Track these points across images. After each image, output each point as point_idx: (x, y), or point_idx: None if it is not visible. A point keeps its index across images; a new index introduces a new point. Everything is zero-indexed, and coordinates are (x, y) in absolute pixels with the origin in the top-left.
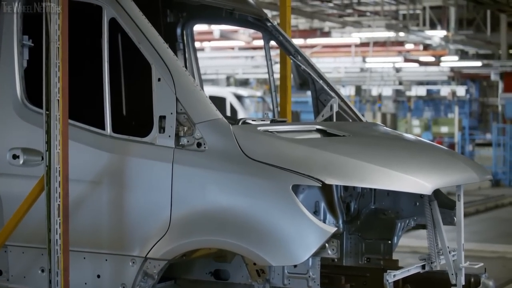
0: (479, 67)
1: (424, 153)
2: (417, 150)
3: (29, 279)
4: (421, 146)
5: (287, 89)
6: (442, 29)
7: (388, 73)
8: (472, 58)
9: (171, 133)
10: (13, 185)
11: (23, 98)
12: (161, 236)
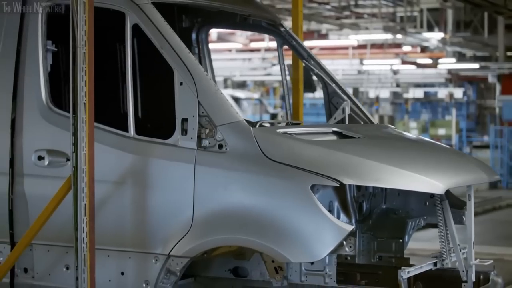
0: (476, 69)
1: (435, 154)
2: (428, 151)
3: (54, 277)
4: (432, 148)
5: (299, 92)
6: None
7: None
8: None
9: (193, 135)
10: (38, 186)
11: (48, 101)
12: (183, 234)
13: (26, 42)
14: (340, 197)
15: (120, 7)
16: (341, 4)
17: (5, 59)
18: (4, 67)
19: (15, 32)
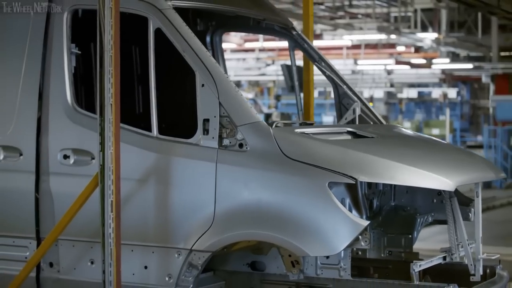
0: (470, 70)
1: (445, 152)
2: (438, 150)
3: (79, 271)
4: (441, 146)
5: (310, 93)
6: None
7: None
8: (463, 60)
9: (214, 135)
10: (63, 184)
11: (73, 102)
12: (205, 230)
13: (52, 45)
14: (352, 194)
15: (143, 12)
16: (335, 5)
17: (31, 61)
18: (30, 69)
19: (40, 36)
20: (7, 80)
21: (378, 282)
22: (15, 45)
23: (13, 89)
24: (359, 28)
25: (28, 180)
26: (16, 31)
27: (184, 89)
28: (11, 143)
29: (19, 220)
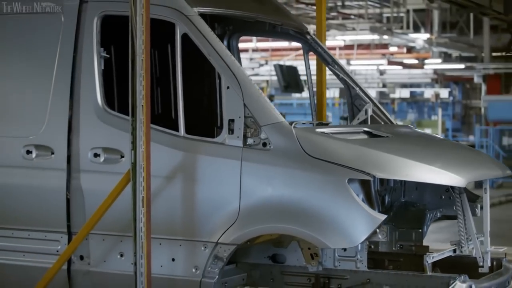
0: (462, 70)
1: (455, 151)
2: (449, 148)
3: (109, 263)
4: (451, 145)
5: (323, 94)
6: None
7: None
8: (455, 60)
9: (239, 135)
10: (94, 181)
11: (103, 103)
12: (231, 224)
13: (82, 48)
14: (365, 191)
15: (171, 18)
16: (328, 5)
17: (62, 64)
18: (61, 71)
19: (71, 39)
20: (39, 81)
21: (393, 273)
22: (46, 48)
23: (45, 90)
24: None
25: (59, 178)
26: (47, 35)
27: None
28: (43, 142)
29: (51, 215)
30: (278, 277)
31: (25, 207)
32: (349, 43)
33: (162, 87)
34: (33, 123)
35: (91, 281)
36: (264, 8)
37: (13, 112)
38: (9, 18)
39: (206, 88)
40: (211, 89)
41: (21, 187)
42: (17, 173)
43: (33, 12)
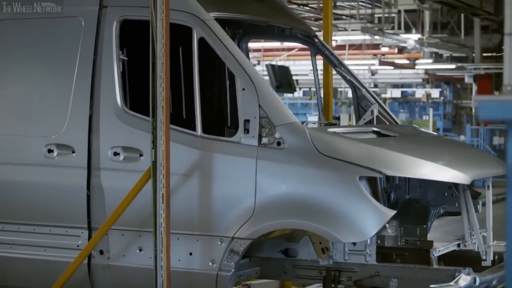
0: (453, 70)
1: (459, 149)
2: (453, 147)
3: (128, 257)
4: (455, 144)
5: (329, 95)
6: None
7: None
8: (446, 61)
9: (254, 134)
10: (113, 178)
11: (122, 104)
12: (246, 219)
13: (102, 51)
14: (373, 188)
15: (188, 23)
16: (320, 5)
17: (83, 66)
18: (82, 73)
19: (91, 43)
20: (60, 82)
21: (400, 266)
22: (67, 51)
23: (66, 91)
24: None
25: (80, 175)
26: (68, 38)
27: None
28: (64, 141)
29: (72, 211)
30: (290, 270)
31: (46, 203)
32: (341, 43)
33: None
34: (55, 123)
35: (111, 274)
36: (275, 12)
37: (35, 113)
38: (31, 22)
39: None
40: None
41: (43, 185)
42: (38, 171)
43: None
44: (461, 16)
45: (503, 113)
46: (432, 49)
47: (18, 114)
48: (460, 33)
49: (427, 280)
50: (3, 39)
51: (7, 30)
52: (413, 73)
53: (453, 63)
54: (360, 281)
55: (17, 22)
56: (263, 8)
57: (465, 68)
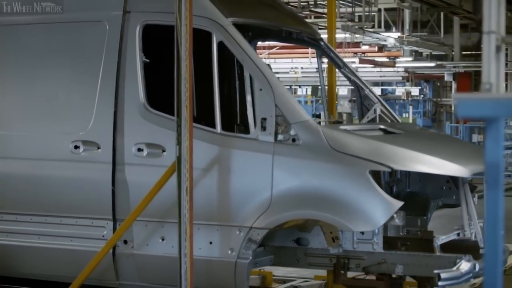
0: (432, 68)
1: (459, 146)
2: (453, 143)
3: (151, 247)
4: (455, 141)
5: (333, 95)
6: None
7: None
8: (426, 59)
9: (271, 131)
10: (137, 173)
11: (145, 103)
12: (264, 210)
13: (126, 53)
14: (376, 182)
15: (208, 28)
16: (301, 4)
17: (107, 67)
18: (107, 74)
19: (115, 45)
20: (86, 83)
21: (406, 254)
22: (93, 53)
23: (92, 91)
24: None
25: (105, 170)
26: (94, 41)
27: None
28: (90, 138)
29: (97, 204)
30: (302, 258)
31: (73, 196)
32: None
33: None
34: (81, 121)
35: (135, 262)
36: (285, 17)
37: (62, 111)
38: (59, 26)
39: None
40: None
41: (69, 179)
42: (65, 166)
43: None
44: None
45: (481, 110)
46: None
47: (46, 113)
48: (439, 32)
49: (430, 267)
50: (32, 42)
51: (36, 33)
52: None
53: (433, 61)
54: (368, 268)
55: (46, 26)
56: (275, 13)
57: (445, 66)
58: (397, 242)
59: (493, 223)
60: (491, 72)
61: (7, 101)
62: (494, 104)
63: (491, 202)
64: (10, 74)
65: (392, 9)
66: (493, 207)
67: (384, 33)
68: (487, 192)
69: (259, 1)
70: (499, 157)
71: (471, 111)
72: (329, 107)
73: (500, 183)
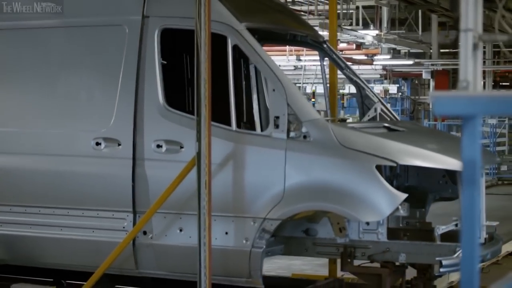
0: (410, 66)
1: (456, 142)
2: (452, 140)
3: (170, 237)
4: (453, 137)
5: (335, 94)
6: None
7: None
8: (404, 57)
9: (284, 129)
10: (156, 167)
11: (164, 103)
12: (277, 202)
13: (145, 56)
14: None
15: (223, 32)
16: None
17: (127, 68)
18: (127, 75)
19: (135, 49)
20: (107, 84)
21: (408, 243)
22: (114, 55)
23: (112, 91)
24: None
25: (125, 165)
26: (114, 44)
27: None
28: (111, 135)
29: (118, 197)
30: (311, 247)
31: (94, 190)
32: None
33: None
34: (102, 119)
35: (154, 252)
36: (292, 21)
37: (84, 111)
38: (81, 30)
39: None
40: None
41: (91, 173)
42: (87, 161)
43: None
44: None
45: (458, 108)
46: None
47: (69, 112)
48: (417, 29)
49: (431, 255)
50: (57, 45)
51: (60, 36)
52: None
53: (411, 59)
54: (373, 256)
55: (70, 29)
56: (284, 18)
57: (423, 64)
58: (399, 232)
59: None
60: (468, 70)
61: (34, 101)
62: (470, 102)
63: (468, 199)
64: (36, 76)
65: (370, 6)
66: (470, 204)
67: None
68: (464, 190)
69: (268, 6)
70: (475, 155)
71: (448, 109)
72: (331, 106)
73: (477, 180)
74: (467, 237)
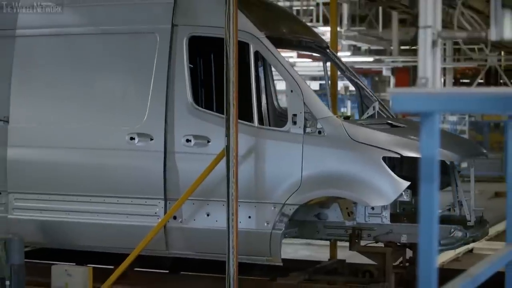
0: (371, 63)
1: (452, 136)
2: (447, 135)
3: (198, 221)
4: (448, 133)
5: (335, 94)
6: None
7: None
8: (365, 54)
9: (301, 125)
10: (185, 160)
11: (192, 102)
12: (295, 190)
13: (174, 61)
14: None
15: (246, 40)
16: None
17: (159, 73)
18: (158, 77)
19: (165, 55)
20: (140, 85)
21: (409, 225)
22: (146, 60)
23: (145, 92)
24: None
25: (157, 157)
26: (146, 50)
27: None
28: (144, 130)
29: (151, 185)
30: (322, 230)
31: (129, 180)
32: None
33: None
34: (136, 116)
35: (183, 234)
36: (302, 29)
37: (120, 109)
38: (117, 36)
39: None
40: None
41: (126, 165)
42: (122, 154)
43: None
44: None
45: (417, 105)
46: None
47: (106, 110)
48: (378, 26)
49: None
50: (95, 50)
51: (98, 42)
52: None
53: (371, 56)
54: (377, 237)
55: (107, 36)
56: (294, 26)
57: (383, 61)
58: (400, 216)
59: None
60: (427, 67)
61: (75, 101)
62: (429, 98)
63: (426, 196)
64: (77, 79)
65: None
66: (427, 201)
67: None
68: (422, 186)
69: (281, 16)
70: (434, 152)
71: (407, 106)
72: (333, 105)
73: (435, 177)
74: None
